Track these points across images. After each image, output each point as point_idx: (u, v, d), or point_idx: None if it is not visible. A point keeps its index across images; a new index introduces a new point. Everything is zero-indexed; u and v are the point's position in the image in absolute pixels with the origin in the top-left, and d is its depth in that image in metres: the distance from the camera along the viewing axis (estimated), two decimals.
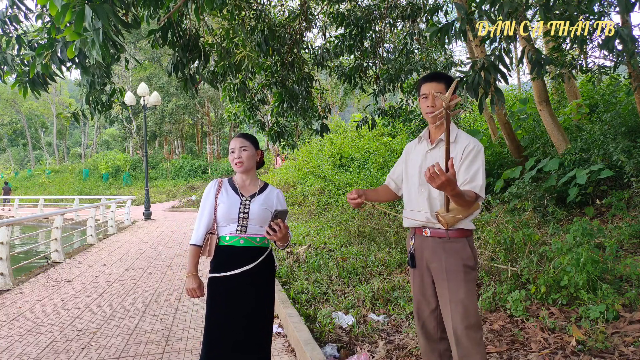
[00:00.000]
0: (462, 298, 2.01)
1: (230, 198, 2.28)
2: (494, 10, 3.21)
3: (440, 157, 2.12)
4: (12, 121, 52.18)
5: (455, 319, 2.01)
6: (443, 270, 2.06)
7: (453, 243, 2.07)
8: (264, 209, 2.27)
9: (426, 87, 2.14)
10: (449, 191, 1.80)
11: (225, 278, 2.21)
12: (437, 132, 2.19)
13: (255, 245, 2.26)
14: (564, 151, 6.71)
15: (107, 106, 4.42)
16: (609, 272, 3.65)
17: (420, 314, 2.22)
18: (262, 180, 2.44)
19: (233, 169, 2.33)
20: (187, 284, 2.28)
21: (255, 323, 2.22)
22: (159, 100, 15.73)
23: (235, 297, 2.21)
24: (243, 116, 7.02)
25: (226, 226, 2.26)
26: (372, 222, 6.86)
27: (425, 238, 2.15)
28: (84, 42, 2.61)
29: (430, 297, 2.17)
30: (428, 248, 2.13)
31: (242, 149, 2.29)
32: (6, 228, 6.04)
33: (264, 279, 2.28)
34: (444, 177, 1.72)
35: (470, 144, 2.08)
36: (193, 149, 44.41)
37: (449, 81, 2.14)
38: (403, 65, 6.79)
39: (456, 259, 2.05)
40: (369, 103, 8.75)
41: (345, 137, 16.38)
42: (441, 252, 2.08)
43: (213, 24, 6.85)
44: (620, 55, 4.77)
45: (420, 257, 2.17)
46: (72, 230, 12.36)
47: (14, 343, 3.78)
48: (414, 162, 2.26)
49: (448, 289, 2.04)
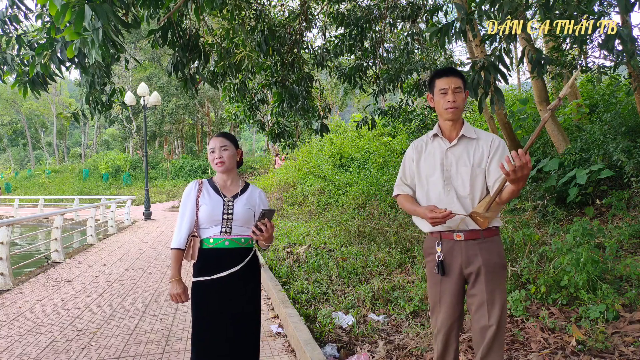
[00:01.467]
0: (500, 298, 1.99)
1: (213, 199, 2.22)
2: (494, 10, 3.21)
3: (466, 153, 2.05)
4: (12, 121, 52.15)
5: (493, 319, 1.97)
6: (481, 272, 2.00)
7: (488, 242, 2.02)
8: (247, 209, 2.24)
9: (444, 82, 2.05)
10: (522, 184, 1.77)
11: (211, 281, 2.16)
12: (453, 129, 2.11)
13: (240, 246, 2.22)
14: (564, 151, 6.70)
15: (107, 106, 4.43)
16: (609, 272, 3.65)
17: (446, 324, 2.11)
18: (242, 180, 2.40)
19: (213, 169, 2.26)
20: (171, 289, 2.22)
21: (244, 326, 2.20)
22: (159, 100, 15.72)
23: (223, 300, 2.16)
24: (243, 116, 7.02)
25: (209, 228, 2.20)
26: (372, 222, 6.86)
27: (457, 242, 2.04)
28: (84, 42, 2.60)
29: (457, 305, 2.10)
30: (461, 252, 2.04)
31: (222, 149, 2.24)
32: (6, 228, 6.04)
33: (251, 280, 2.25)
34: (527, 169, 1.69)
35: (495, 140, 2.05)
36: (193, 149, 44.38)
37: (464, 76, 2.11)
38: (403, 65, 6.79)
39: (494, 258, 2.01)
40: (369, 103, 8.75)
41: (345, 137, 16.37)
42: (477, 254, 2.00)
43: (213, 24, 6.85)
44: (620, 55, 4.77)
45: (451, 262, 2.06)
46: (72, 230, 12.36)
47: (14, 343, 3.78)
48: (430, 161, 2.14)
49: (486, 289, 1.98)
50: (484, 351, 1.99)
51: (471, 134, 2.09)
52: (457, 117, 2.08)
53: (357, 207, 8.69)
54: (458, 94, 2.04)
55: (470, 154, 2.06)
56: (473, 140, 2.07)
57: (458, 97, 2.04)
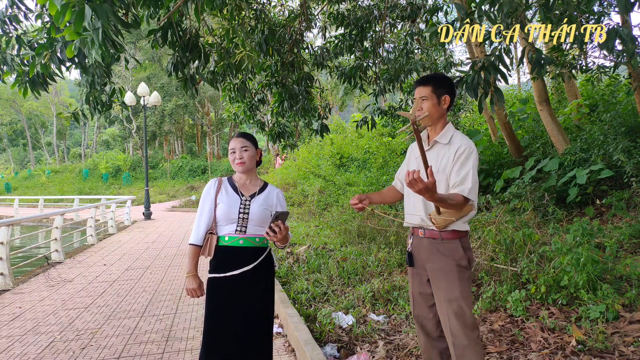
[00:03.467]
0: (457, 297, 2.05)
1: (230, 197, 2.26)
2: (494, 10, 3.21)
3: (436, 158, 2.16)
4: (12, 121, 52.16)
5: (451, 318, 2.05)
6: (437, 270, 2.11)
7: (446, 244, 2.11)
8: (263, 209, 2.26)
9: (415, 92, 2.20)
10: (427, 197, 1.84)
11: (225, 279, 2.20)
12: (433, 133, 2.23)
13: (254, 245, 2.24)
14: (564, 151, 6.70)
15: (107, 106, 4.42)
16: (609, 272, 3.65)
17: (419, 312, 2.26)
18: (262, 179, 2.42)
19: (233, 169, 2.31)
20: (187, 284, 2.27)
21: (255, 324, 2.21)
22: (159, 100, 15.73)
23: (236, 297, 2.19)
24: (243, 116, 7.02)
25: (225, 226, 2.24)
26: (372, 222, 6.86)
27: (421, 239, 2.19)
28: (84, 41, 2.60)
29: (429, 296, 2.21)
30: (423, 248, 2.18)
31: (243, 149, 2.27)
32: (6, 228, 6.04)
33: (264, 279, 2.27)
34: (422, 185, 1.75)
35: (462, 146, 2.08)
36: (193, 149, 44.40)
37: (438, 82, 2.16)
38: (403, 65, 6.80)
39: (449, 259, 2.09)
40: (369, 103, 8.75)
41: (345, 137, 16.37)
42: (435, 253, 2.12)
43: (213, 24, 6.85)
44: (620, 55, 4.77)
45: (417, 256, 2.23)
46: (72, 230, 12.36)
47: (14, 343, 3.78)
48: (412, 162, 2.31)
49: (443, 288, 2.08)
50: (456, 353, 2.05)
51: (444, 139, 2.16)
52: (427, 123, 2.19)
53: None
54: (424, 102, 2.15)
55: (438, 159, 2.16)
56: (445, 145, 2.15)
57: (424, 105, 2.15)
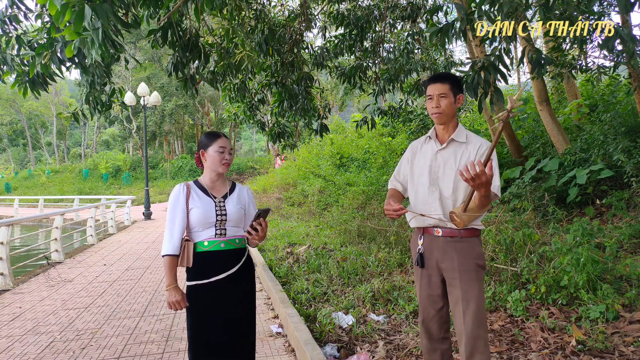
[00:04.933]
0: (475, 296, 2.04)
1: (204, 201, 2.18)
2: (494, 10, 3.21)
3: (454, 156, 2.13)
4: (12, 121, 52.12)
5: (467, 317, 2.03)
6: (455, 270, 2.07)
7: (465, 242, 2.09)
8: (239, 209, 2.23)
9: (431, 89, 2.15)
10: (483, 191, 1.82)
11: (209, 285, 2.14)
12: (445, 132, 2.19)
13: (235, 247, 2.21)
14: (564, 151, 6.70)
15: (107, 106, 4.43)
16: (609, 272, 3.65)
17: (426, 314, 2.22)
18: (228, 179, 2.36)
19: (214, 169, 2.21)
20: (169, 297, 2.17)
21: (239, 327, 2.20)
22: (159, 100, 15.72)
23: (221, 302, 2.15)
24: (243, 116, 7.02)
25: (202, 231, 2.17)
26: (372, 222, 6.86)
27: (436, 238, 2.15)
28: (84, 41, 2.60)
29: (437, 297, 2.18)
30: (438, 248, 2.14)
31: (229, 151, 2.25)
32: (6, 228, 6.04)
33: (244, 280, 2.25)
34: (485, 178, 1.73)
35: (483, 145, 2.10)
36: (193, 149, 44.37)
37: (454, 81, 2.15)
38: (403, 65, 6.80)
39: (468, 258, 2.07)
40: (369, 103, 8.75)
41: (345, 137, 16.37)
42: (453, 252, 2.09)
43: (213, 24, 6.85)
44: (620, 55, 4.77)
45: (430, 256, 2.17)
46: (72, 230, 12.36)
47: (14, 343, 3.78)
48: (421, 161, 2.24)
49: (460, 287, 2.05)
50: (467, 352, 2.04)
51: (461, 138, 2.15)
52: (443, 121, 2.16)
53: (357, 207, 8.69)
54: (443, 99, 2.11)
55: (457, 158, 2.13)
56: (462, 144, 2.14)
57: (442, 103, 2.11)
